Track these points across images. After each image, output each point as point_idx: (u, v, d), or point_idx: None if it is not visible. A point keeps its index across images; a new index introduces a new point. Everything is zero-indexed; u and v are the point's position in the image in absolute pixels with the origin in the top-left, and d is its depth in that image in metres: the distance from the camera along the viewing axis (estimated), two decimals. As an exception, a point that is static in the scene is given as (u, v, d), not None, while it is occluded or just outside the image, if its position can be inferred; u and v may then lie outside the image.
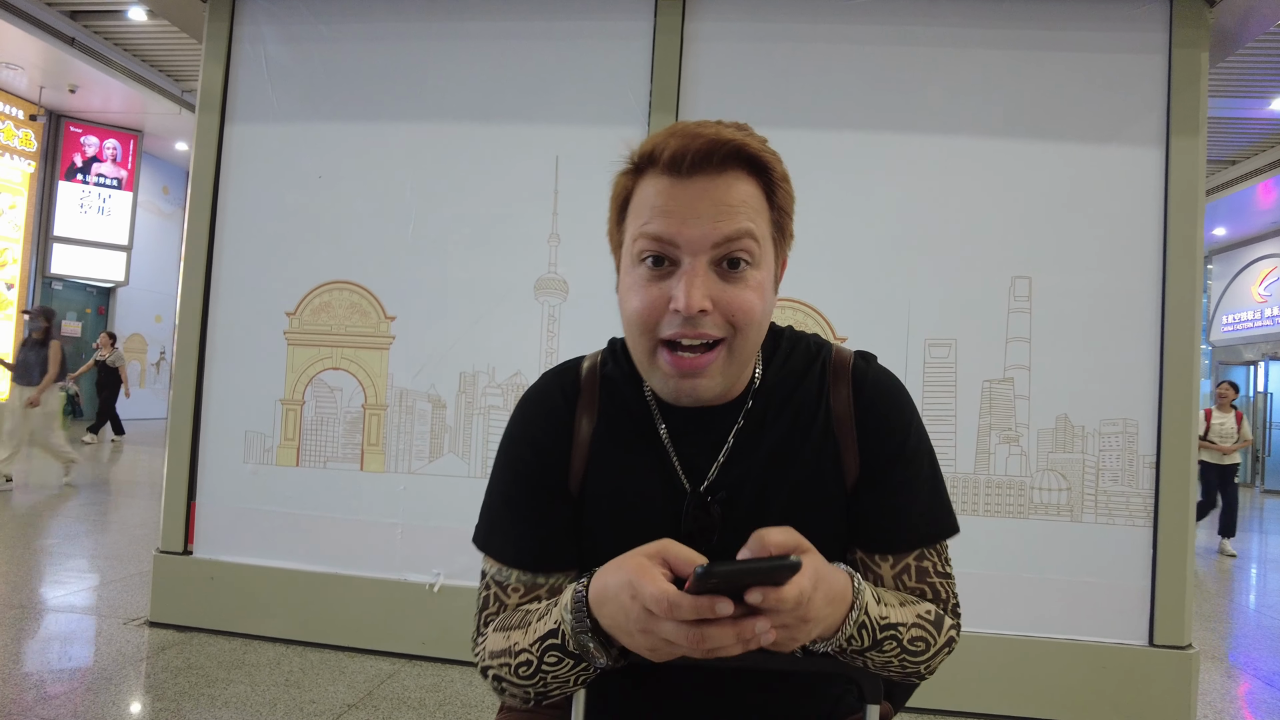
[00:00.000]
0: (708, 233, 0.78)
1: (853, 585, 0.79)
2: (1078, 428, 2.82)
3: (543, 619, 0.82)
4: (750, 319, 0.81)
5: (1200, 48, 2.79)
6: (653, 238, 0.80)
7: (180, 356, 3.21)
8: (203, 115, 3.23)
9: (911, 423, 0.92)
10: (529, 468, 0.91)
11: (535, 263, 3.05)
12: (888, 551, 0.89)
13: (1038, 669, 2.75)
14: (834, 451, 0.90)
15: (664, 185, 0.80)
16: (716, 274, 0.80)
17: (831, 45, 2.97)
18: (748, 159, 0.81)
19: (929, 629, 0.85)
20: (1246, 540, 8.09)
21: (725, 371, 0.83)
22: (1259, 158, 9.99)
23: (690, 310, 0.77)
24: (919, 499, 0.90)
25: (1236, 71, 7.31)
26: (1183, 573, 2.72)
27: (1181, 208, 2.79)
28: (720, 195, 0.79)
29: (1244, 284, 14.09)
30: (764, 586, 0.66)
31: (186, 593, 3.14)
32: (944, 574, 0.91)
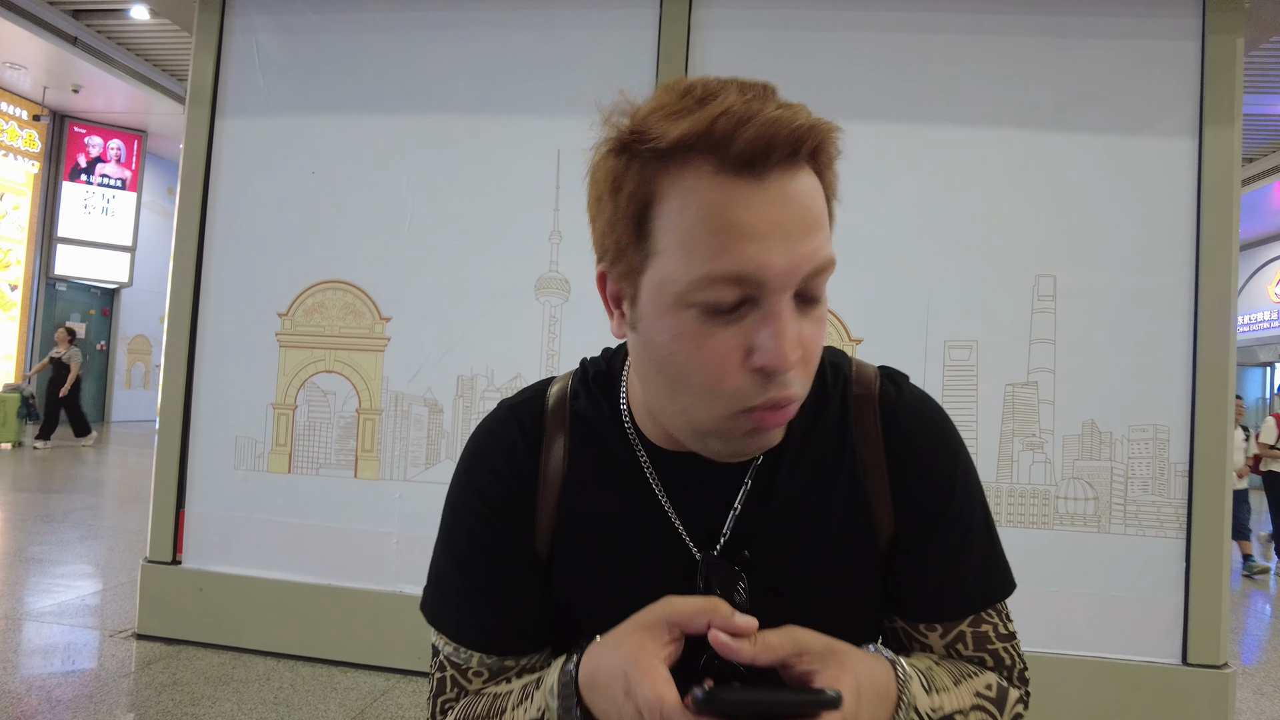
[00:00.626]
0: (798, 261, 0.57)
1: (897, 676, 0.63)
2: (1105, 434, 2.68)
3: (521, 706, 0.67)
4: (818, 362, 0.64)
5: (1235, 33, 2.65)
6: (728, 279, 0.56)
7: (169, 359, 3.09)
8: (193, 109, 3.13)
9: (958, 465, 0.73)
10: (482, 528, 0.72)
11: (536, 261, 2.93)
12: (936, 620, 0.72)
13: (1065, 688, 2.61)
14: (863, 503, 0.72)
15: (731, 194, 0.56)
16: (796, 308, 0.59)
17: (847, 33, 2.84)
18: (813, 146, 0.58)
19: (991, 710, 0.70)
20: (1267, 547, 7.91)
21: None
22: (1276, 155, 9.81)
23: (788, 368, 0.58)
24: (973, 557, 0.73)
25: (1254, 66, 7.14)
26: (1218, 587, 2.58)
27: (1216, 201, 2.65)
28: (805, 203, 0.57)
29: (1260, 284, 13.90)
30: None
31: (175, 604, 3.03)
32: (1006, 635, 0.74)
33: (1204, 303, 2.65)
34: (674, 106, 0.59)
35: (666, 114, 0.59)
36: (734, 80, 0.61)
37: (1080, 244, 2.72)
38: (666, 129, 0.57)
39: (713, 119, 0.56)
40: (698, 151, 0.57)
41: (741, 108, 0.56)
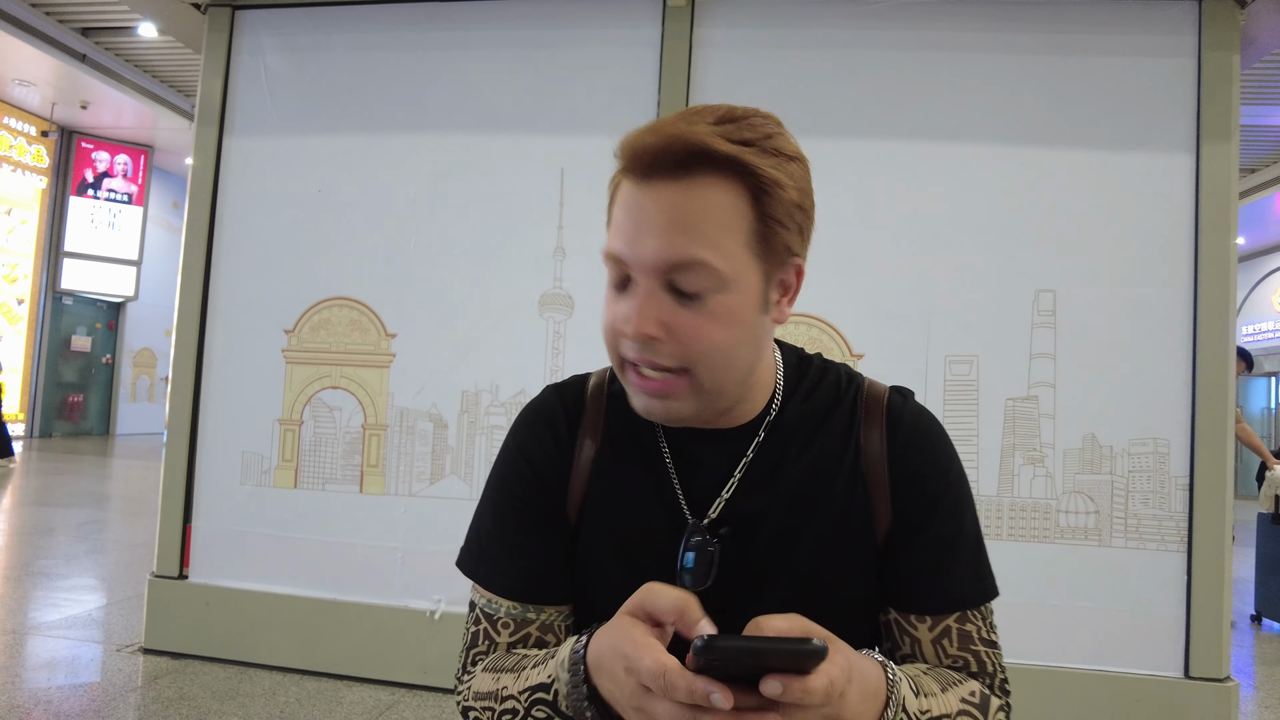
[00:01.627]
0: (652, 253, 0.67)
1: (887, 676, 0.68)
2: (1106, 448, 2.70)
3: (537, 668, 0.73)
4: (707, 351, 0.70)
5: (1231, 50, 2.68)
6: (609, 258, 0.71)
7: (177, 374, 3.13)
8: (201, 128, 3.17)
9: (951, 468, 0.82)
10: (524, 488, 0.83)
11: (540, 278, 2.96)
12: (926, 612, 0.78)
13: (1066, 702, 2.61)
14: (864, 499, 0.80)
15: (626, 192, 0.70)
16: (672, 295, 0.69)
17: (846, 51, 2.87)
18: (716, 161, 0.66)
19: (976, 715, 0.74)
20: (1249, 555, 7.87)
21: (697, 399, 0.73)
22: (1277, 166, 9.84)
23: (636, 337, 0.69)
24: (962, 553, 0.80)
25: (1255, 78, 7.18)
26: (1219, 600, 2.59)
27: (1214, 217, 2.67)
28: (677, 207, 0.67)
29: (1264, 294, 13.90)
30: (783, 674, 0.54)
31: (182, 618, 3.05)
32: (989, 642, 0.80)
33: (1203, 316, 2.67)
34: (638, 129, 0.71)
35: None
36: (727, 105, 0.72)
37: (1080, 259, 2.74)
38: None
39: (635, 133, 0.68)
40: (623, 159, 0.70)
41: (660, 122, 0.68)
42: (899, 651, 0.81)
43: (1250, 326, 14.09)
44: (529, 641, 0.81)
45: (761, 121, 0.70)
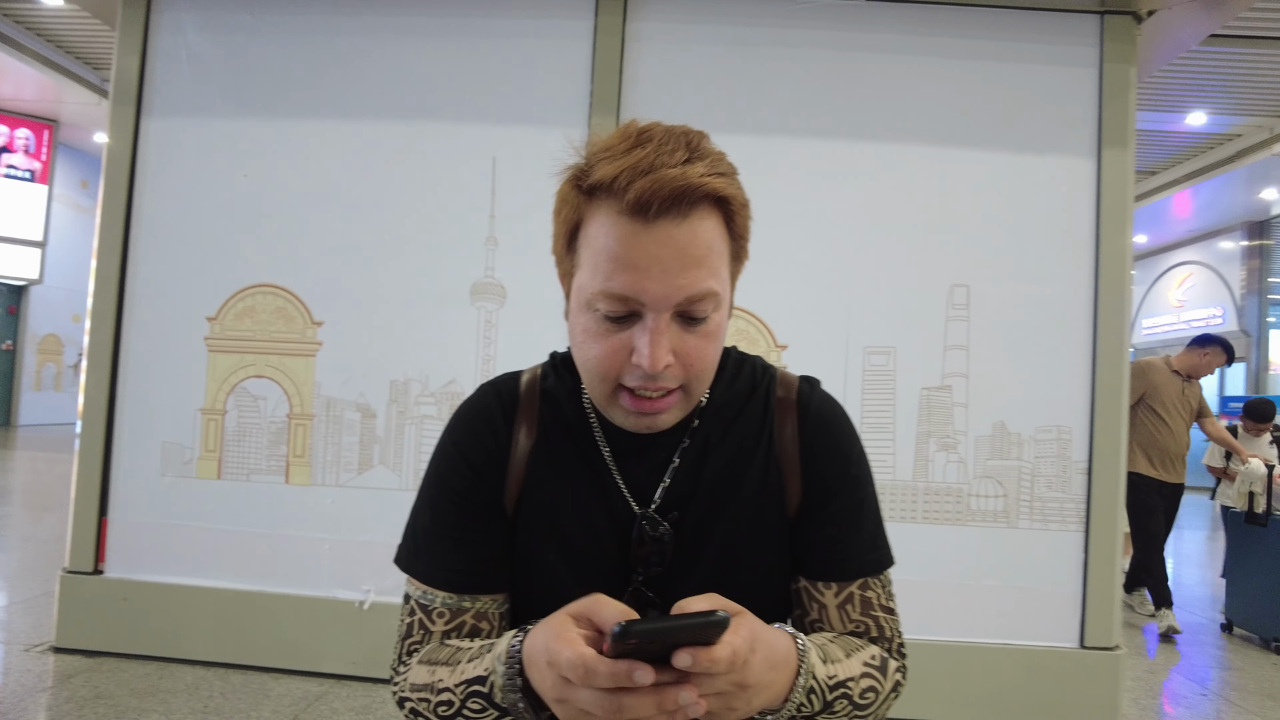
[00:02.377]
0: (672, 290, 0.73)
1: (796, 646, 0.74)
2: (1014, 435, 2.86)
3: (473, 661, 0.76)
4: (707, 366, 0.79)
5: (1129, 63, 2.86)
6: (615, 297, 0.73)
7: (92, 362, 3.01)
8: (117, 107, 3.05)
9: (854, 449, 0.90)
10: (462, 484, 0.85)
11: (471, 267, 2.95)
12: (832, 579, 0.86)
13: (974, 675, 2.77)
14: (777, 477, 0.87)
15: (624, 232, 0.72)
16: (678, 323, 0.76)
17: (774, 50, 2.95)
18: (708, 197, 0.74)
19: (877, 677, 0.81)
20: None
21: (682, 408, 0.81)
22: (1176, 169, 10.43)
23: (655, 369, 0.74)
24: (863, 525, 0.88)
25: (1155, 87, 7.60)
26: (1111, 576, 2.78)
27: (1112, 218, 2.85)
28: (685, 244, 0.72)
29: (1162, 289, 14.73)
30: (693, 647, 0.59)
31: (97, 615, 2.95)
32: (888, 609, 0.88)
33: (1102, 310, 2.85)
34: (612, 150, 0.74)
35: (603, 156, 0.74)
36: (669, 129, 0.75)
37: (992, 256, 2.88)
38: (594, 171, 0.73)
39: (618, 172, 0.71)
40: (609, 194, 0.73)
41: (645, 163, 0.71)
42: (807, 617, 0.88)
43: (1150, 320, 14.93)
44: (464, 630, 0.84)
45: (710, 146, 0.77)
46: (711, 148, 0.76)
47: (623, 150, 0.73)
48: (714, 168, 0.74)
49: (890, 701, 0.83)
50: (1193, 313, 14.00)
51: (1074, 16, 2.88)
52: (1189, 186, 10.46)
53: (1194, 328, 13.86)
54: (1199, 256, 13.79)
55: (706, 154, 0.74)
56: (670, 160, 0.71)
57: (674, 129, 0.75)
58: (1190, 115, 8.45)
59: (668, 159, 0.71)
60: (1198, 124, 8.70)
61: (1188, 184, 10.42)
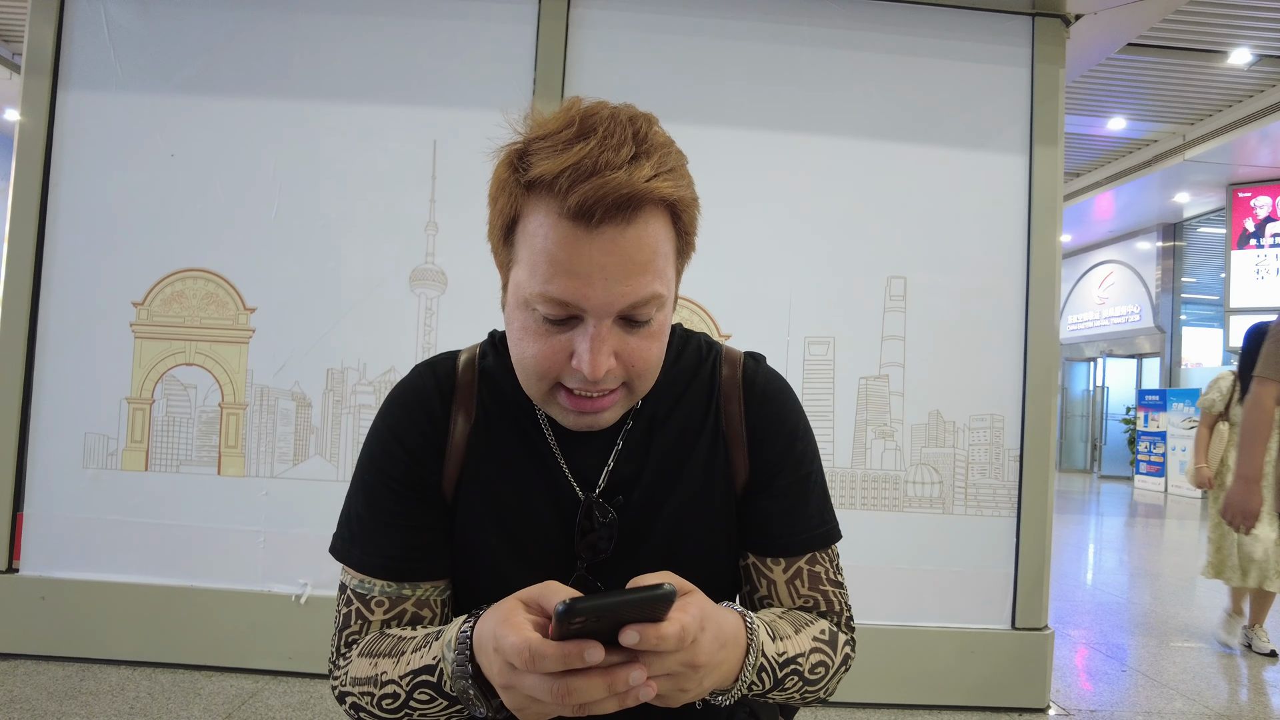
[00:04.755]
0: (615, 297, 0.70)
1: (745, 624, 0.73)
2: (949, 423, 2.94)
3: (419, 651, 0.74)
4: (650, 365, 0.77)
5: (1058, 64, 2.96)
6: (556, 301, 0.70)
7: (4, 350, 2.84)
8: (30, 79, 2.88)
9: (800, 424, 0.90)
10: (397, 468, 0.83)
11: (411, 252, 2.89)
12: (780, 554, 0.86)
13: (911, 657, 2.85)
14: (724, 455, 0.87)
15: (565, 236, 0.68)
16: (620, 326, 0.73)
17: (715, 40, 2.96)
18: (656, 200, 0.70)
19: (826, 651, 0.82)
20: (1084, 522, 8.81)
21: (625, 405, 0.79)
22: (1098, 172, 10.89)
23: (596, 376, 0.71)
24: (810, 500, 0.88)
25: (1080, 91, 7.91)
26: (1041, 559, 2.88)
27: (1043, 213, 2.95)
28: (630, 250, 0.69)
29: (1086, 287, 15.35)
30: (640, 624, 0.57)
31: (11, 615, 2.80)
32: (836, 583, 0.88)
33: (1033, 303, 2.95)
34: (553, 137, 0.69)
35: (543, 145, 0.69)
36: (614, 115, 0.71)
37: (928, 248, 2.96)
38: (533, 165, 0.69)
39: (559, 171, 0.67)
40: (549, 192, 0.68)
41: (589, 163, 0.66)
42: (756, 594, 0.88)
43: (1074, 316, 15.55)
44: (404, 618, 0.82)
45: (658, 134, 0.73)
46: (660, 136, 0.73)
47: (564, 140, 0.68)
48: (662, 165, 0.70)
49: (840, 674, 0.84)
50: (1113, 309, 14.63)
51: (1006, 17, 2.97)
52: (1110, 189, 10.92)
53: (1115, 324, 14.49)
54: (1119, 256, 14.42)
55: (654, 148, 0.70)
56: (615, 159, 0.67)
57: (619, 113, 0.71)
58: (1111, 120, 8.82)
59: (612, 157, 0.67)
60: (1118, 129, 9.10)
61: (1109, 186, 10.88)
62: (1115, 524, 9.05)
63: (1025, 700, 2.85)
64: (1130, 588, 5.28)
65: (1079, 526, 8.33)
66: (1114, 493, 12.23)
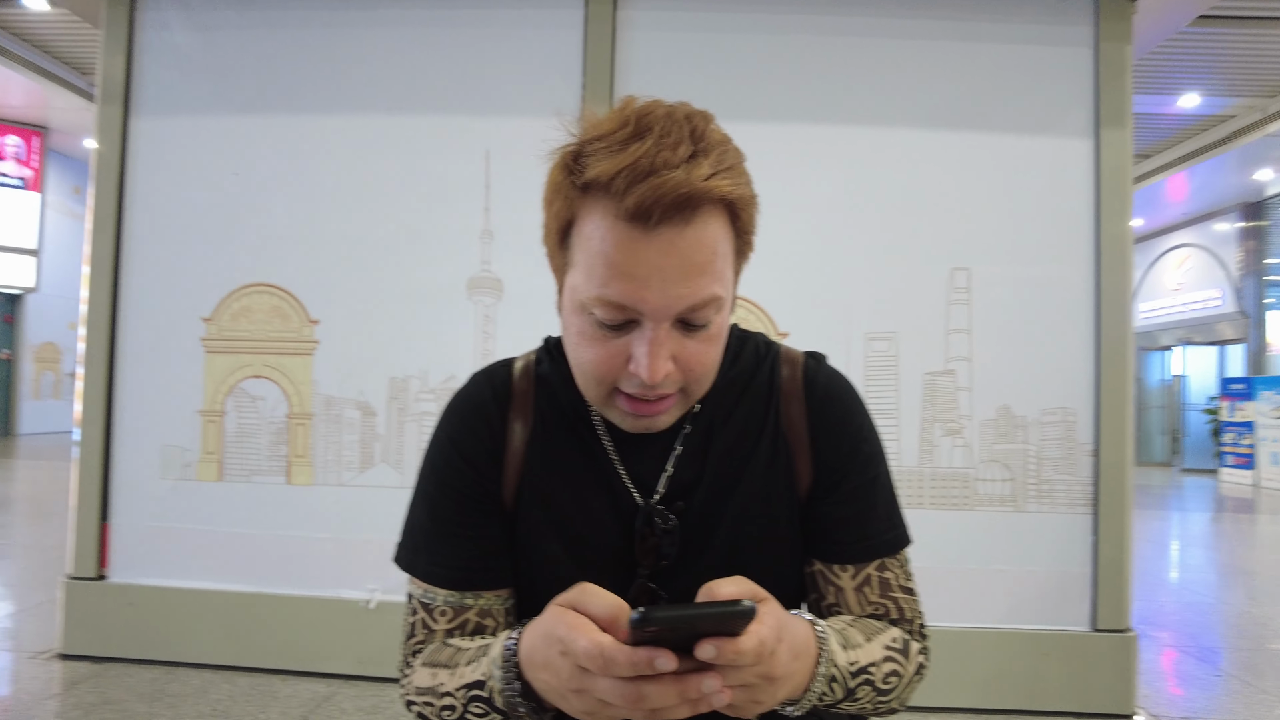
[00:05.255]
0: (673, 300, 0.68)
1: (816, 634, 0.71)
2: (1019, 418, 2.84)
3: (471, 664, 0.74)
4: (708, 369, 0.76)
5: (1124, 41, 2.84)
6: (613, 305, 0.69)
7: (88, 367, 2.98)
8: (104, 108, 3.02)
9: (865, 426, 0.87)
10: (457, 478, 0.83)
11: (467, 261, 2.93)
12: (848, 561, 0.83)
13: (984, 659, 2.76)
14: (786, 458, 0.84)
15: (622, 238, 0.67)
16: (679, 329, 0.72)
17: (763, 35, 2.92)
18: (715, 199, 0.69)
19: (899, 660, 0.79)
20: (1166, 518, 8.44)
21: (682, 407, 0.78)
22: (1170, 152, 10.42)
23: (654, 381, 0.70)
24: (878, 505, 0.85)
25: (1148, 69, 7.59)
26: (1121, 558, 2.77)
27: (1112, 198, 2.83)
28: (689, 251, 0.68)
29: (1159, 273, 14.73)
30: (716, 637, 0.56)
31: (101, 621, 2.93)
32: (907, 589, 0.85)
33: (1104, 292, 2.83)
34: (608, 138, 0.68)
35: (598, 145, 0.68)
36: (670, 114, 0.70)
37: (992, 239, 2.86)
38: (589, 166, 0.68)
39: (615, 173, 0.66)
40: (605, 193, 0.67)
41: (645, 164, 0.65)
42: (824, 601, 0.85)
43: (1148, 304, 14.93)
44: (467, 628, 0.82)
45: (715, 132, 0.71)
46: (717, 134, 0.71)
47: (620, 141, 0.67)
48: (720, 162, 0.68)
49: (914, 684, 0.81)
50: (1191, 295, 14.01)
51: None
52: (1184, 169, 10.46)
53: (1193, 310, 13.88)
54: (1196, 239, 13.80)
55: (711, 146, 0.69)
56: (673, 158, 0.65)
57: (675, 111, 0.70)
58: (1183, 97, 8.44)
59: (670, 156, 0.65)
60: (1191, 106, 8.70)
61: (1182, 166, 10.41)
62: (1201, 519, 8.64)
63: (1109, 705, 2.74)
64: (1221, 587, 5.02)
65: (1161, 522, 7.98)
66: (1198, 487, 11.68)
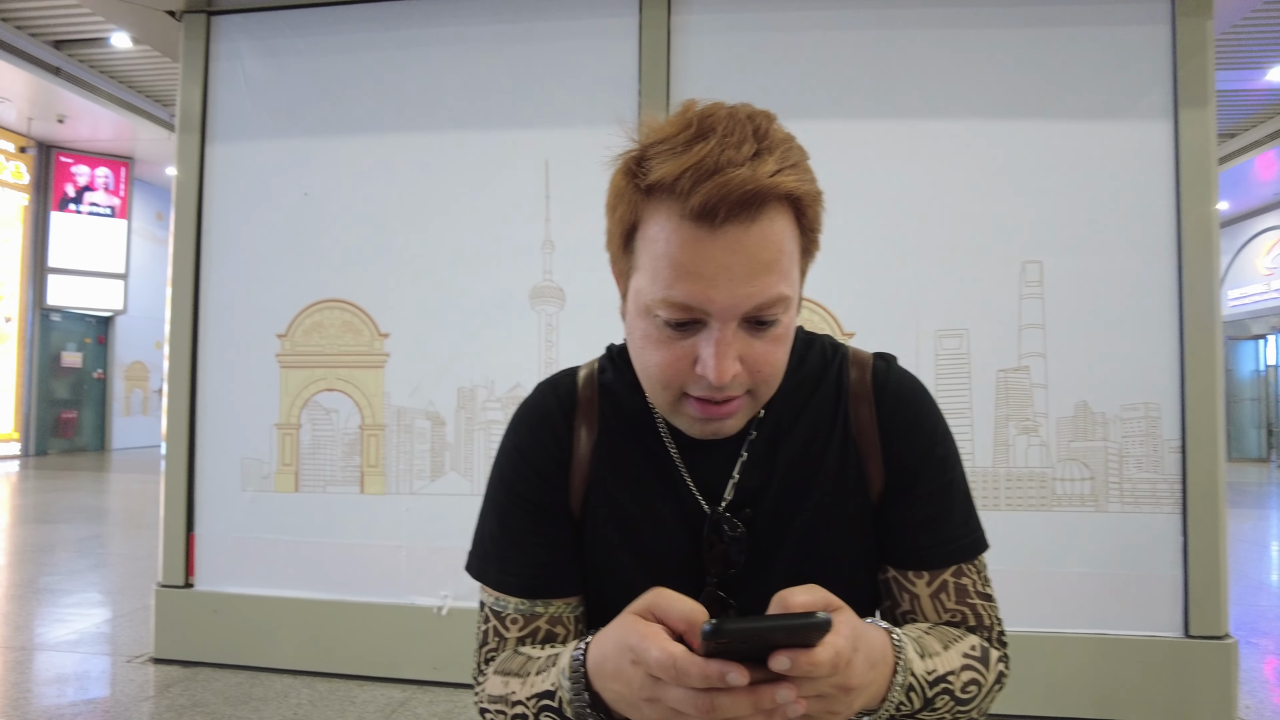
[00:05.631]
0: (740, 299, 0.68)
1: (892, 642, 0.70)
2: (1098, 414, 2.73)
3: (541, 674, 0.74)
4: (776, 371, 0.74)
5: (1204, 15, 2.70)
6: (678, 306, 0.68)
7: (172, 384, 3.13)
8: (183, 136, 3.16)
9: (938, 428, 0.85)
10: (525, 487, 0.83)
11: (530, 271, 2.97)
12: (923, 567, 0.81)
13: (1069, 666, 2.65)
14: (856, 462, 0.82)
15: (687, 237, 0.66)
16: (745, 330, 0.70)
17: (824, 32, 2.88)
18: (781, 196, 0.68)
19: (978, 669, 0.77)
20: (1264, 517, 7.98)
21: (749, 412, 0.77)
22: (1258, 129, 9.89)
23: (722, 382, 0.69)
24: (953, 509, 0.82)
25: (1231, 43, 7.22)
26: (1216, 560, 2.62)
27: (1194, 183, 2.69)
28: (755, 249, 0.67)
29: (1248, 258, 13.98)
30: (790, 649, 0.55)
31: (190, 627, 3.06)
32: (984, 595, 0.82)
33: (1188, 280, 2.69)
34: (670, 141, 0.68)
35: (661, 148, 0.68)
36: (732, 114, 0.69)
37: (1064, 229, 2.76)
38: (652, 169, 0.68)
39: (679, 173, 0.65)
40: (669, 195, 0.67)
41: (710, 163, 0.65)
42: (899, 609, 0.83)
43: (1237, 290, 14.19)
44: (538, 635, 0.82)
45: (779, 131, 0.70)
46: (780, 132, 0.70)
47: (683, 143, 0.67)
48: (785, 160, 0.67)
49: (994, 694, 0.78)
50: (1283, 280, 13.24)
51: (1142, -28, 2.74)
52: (1273, 147, 9.90)
53: (1286, 296, 13.12)
54: (1288, 221, 13.04)
55: (775, 144, 0.68)
56: (737, 157, 0.65)
57: (737, 112, 0.69)
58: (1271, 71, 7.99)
59: (734, 155, 0.65)
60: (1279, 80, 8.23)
61: (1271, 145, 9.86)
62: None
63: (1208, 715, 2.60)
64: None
65: (1258, 522, 7.56)
66: None
